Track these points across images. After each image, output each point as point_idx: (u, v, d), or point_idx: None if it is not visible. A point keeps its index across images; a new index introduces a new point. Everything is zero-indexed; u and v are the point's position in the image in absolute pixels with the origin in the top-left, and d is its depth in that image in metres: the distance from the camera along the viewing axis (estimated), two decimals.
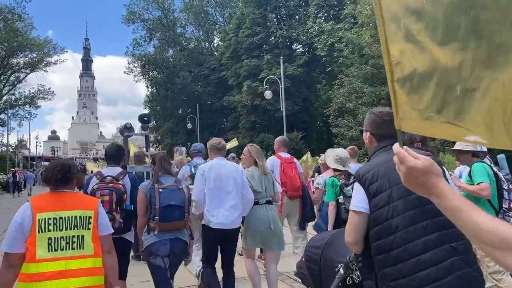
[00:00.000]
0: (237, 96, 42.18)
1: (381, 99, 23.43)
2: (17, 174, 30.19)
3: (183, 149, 33.59)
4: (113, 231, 3.07)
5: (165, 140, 53.88)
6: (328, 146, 36.74)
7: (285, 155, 6.46)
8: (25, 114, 51.83)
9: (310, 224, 6.26)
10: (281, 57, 27.26)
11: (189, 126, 41.86)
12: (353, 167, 6.19)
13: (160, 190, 3.94)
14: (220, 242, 4.68)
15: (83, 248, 2.68)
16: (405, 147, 1.26)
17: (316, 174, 12.66)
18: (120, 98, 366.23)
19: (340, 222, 4.79)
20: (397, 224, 2.02)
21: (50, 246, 2.59)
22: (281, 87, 24.79)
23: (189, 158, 9.16)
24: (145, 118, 10.56)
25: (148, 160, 7.41)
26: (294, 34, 40.99)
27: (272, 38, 42.81)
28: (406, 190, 1.87)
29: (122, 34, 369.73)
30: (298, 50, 44.06)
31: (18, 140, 57.08)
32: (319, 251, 2.48)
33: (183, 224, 4.05)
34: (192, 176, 5.68)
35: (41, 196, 2.87)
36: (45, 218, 2.62)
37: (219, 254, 4.82)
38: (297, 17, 43.24)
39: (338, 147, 8.45)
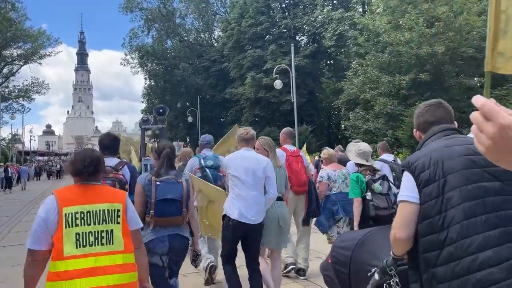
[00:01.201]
0: (239, 88, 40.59)
1: (400, 89, 21.88)
2: (9, 169, 28.48)
3: (181, 143, 32.06)
4: (142, 225, 2.95)
5: (157, 132, 52.09)
6: (337, 140, 35.41)
7: (291, 147, 6.22)
8: (19, 107, 50.24)
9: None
10: (292, 44, 25.68)
11: (190, 119, 40.35)
12: (387, 157, 6.52)
13: (157, 183, 3.71)
14: (240, 237, 4.41)
15: (112, 243, 2.50)
16: (492, 99, 0.91)
17: (314, 169, 12.38)
18: (116, 93, 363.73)
19: (367, 220, 4.64)
20: (452, 217, 1.80)
21: (78, 242, 2.43)
22: (292, 77, 23.22)
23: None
24: (161, 110, 10.26)
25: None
26: (299, 24, 39.31)
27: (277, 28, 41.14)
28: (464, 179, 1.86)
29: (117, 28, 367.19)
30: (303, 40, 42.47)
31: (11, 134, 55.31)
32: (349, 252, 2.20)
33: (180, 220, 3.78)
34: (202, 169, 5.43)
35: (66, 188, 2.66)
36: (72, 213, 2.46)
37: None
38: (301, 6, 41.51)
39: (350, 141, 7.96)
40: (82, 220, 2.46)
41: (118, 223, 2.56)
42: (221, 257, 4.52)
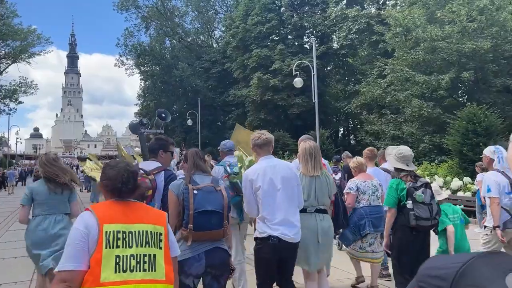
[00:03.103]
0: (243, 90, 38.12)
1: (435, 90, 19.53)
2: None
3: (177, 149, 29.62)
4: (180, 252, 2.60)
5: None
6: (351, 146, 33.08)
7: None
8: (5, 108, 47.31)
9: None
10: (313, 37, 23.35)
11: (190, 122, 37.85)
12: (370, 170, 6.03)
13: (195, 192, 3.27)
14: (278, 259, 3.87)
15: (155, 270, 2.18)
16: None
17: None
18: (105, 97, 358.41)
19: (407, 230, 4.35)
20: None
21: (117, 266, 2.08)
22: (313, 74, 20.80)
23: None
24: (163, 115, 9.86)
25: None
26: (309, 23, 37.02)
27: (283, 27, 38.78)
28: None
29: (108, 32, 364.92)
30: (311, 40, 40.15)
31: None
32: (446, 284, 1.45)
33: (221, 234, 3.34)
34: (230, 177, 5.09)
35: (103, 204, 2.33)
36: (113, 231, 2.12)
37: None
38: (310, 4, 39.13)
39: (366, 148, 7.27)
40: (124, 241, 2.13)
41: (160, 248, 2.24)
42: (258, 286, 4.02)
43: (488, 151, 5.29)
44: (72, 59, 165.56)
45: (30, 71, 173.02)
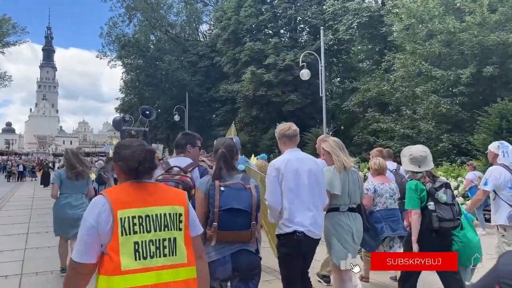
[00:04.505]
0: (234, 85, 36.29)
1: (453, 86, 18.21)
2: None
3: (161, 146, 27.64)
4: (203, 230, 2.42)
5: (140, 135, 47.41)
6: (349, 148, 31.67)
7: None
8: None
9: None
10: (322, 27, 21.79)
11: (177, 118, 35.87)
12: (389, 166, 6.19)
13: (222, 188, 3.09)
14: (303, 254, 3.82)
15: (175, 255, 2.05)
16: None
17: None
18: (81, 93, 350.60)
19: (429, 233, 4.22)
20: None
21: (137, 253, 1.94)
22: (321, 66, 19.21)
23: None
24: (147, 112, 10.06)
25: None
26: (305, 16, 35.51)
27: (279, 19, 37.13)
28: None
29: (85, 26, 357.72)
30: (306, 34, 38.67)
31: None
32: None
33: (248, 235, 3.10)
34: None
35: (118, 188, 2.13)
36: (128, 217, 1.96)
37: None
38: (301, 1, 37.70)
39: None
40: (141, 226, 1.98)
41: (180, 229, 2.10)
42: (284, 286, 3.85)
43: (493, 146, 5.28)
44: (48, 53, 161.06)
45: (3, 64, 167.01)
